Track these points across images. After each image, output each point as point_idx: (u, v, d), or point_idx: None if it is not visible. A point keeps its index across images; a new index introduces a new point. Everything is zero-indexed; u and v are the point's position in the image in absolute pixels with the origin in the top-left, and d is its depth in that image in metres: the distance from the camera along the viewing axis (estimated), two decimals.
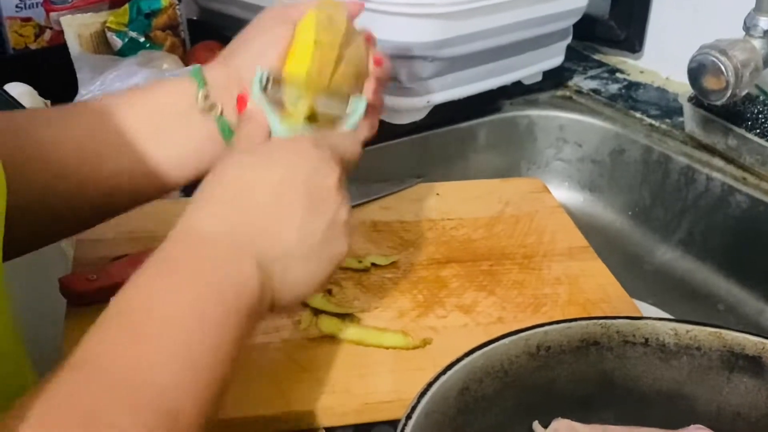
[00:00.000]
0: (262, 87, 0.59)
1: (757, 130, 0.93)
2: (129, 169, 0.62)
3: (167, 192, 0.65)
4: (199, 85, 0.62)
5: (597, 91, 1.14)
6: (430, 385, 0.50)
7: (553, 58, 1.12)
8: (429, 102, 0.99)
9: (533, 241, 0.81)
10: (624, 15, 1.18)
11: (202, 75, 0.63)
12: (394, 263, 0.76)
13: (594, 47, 1.25)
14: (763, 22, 0.87)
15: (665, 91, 1.14)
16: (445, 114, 1.03)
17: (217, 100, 0.62)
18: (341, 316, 0.68)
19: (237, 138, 0.59)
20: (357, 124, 0.61)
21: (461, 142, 1.07)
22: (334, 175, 0.54)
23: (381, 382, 0.62)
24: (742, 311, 0.93)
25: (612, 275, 0.77)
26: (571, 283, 0.75)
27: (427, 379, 0.51)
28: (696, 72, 0.88)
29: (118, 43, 1.09)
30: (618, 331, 0.57)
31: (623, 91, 1.15)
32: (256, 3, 1.06)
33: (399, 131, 1.00)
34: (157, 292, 0.46)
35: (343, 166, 0.55)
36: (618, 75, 1.19)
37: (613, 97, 1.13)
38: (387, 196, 0.87)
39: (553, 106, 1.11)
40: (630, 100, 1.12)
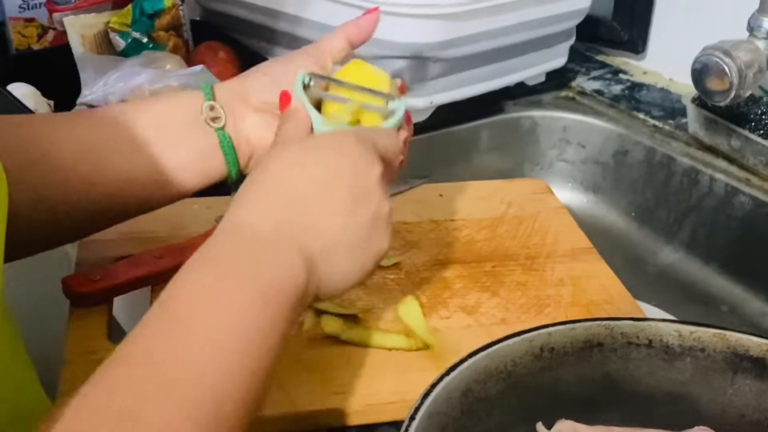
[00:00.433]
0: (305, 87, 0.60)
1: (761, 131, 0.93)
2: (133, 173, 0.62)
3: (172, 200, 0.65)
4: (206, 97, 0.63)
5: (600, 92, 1.14)
6: (434, 386, 0.50)
7: (557, 59, 1.12)
8: (432, 103, 0.99)
9: (536, 242, 0.81)
10: (627, 16, 1.18)
11: (210, 89, 0.64)
12: (397, 264, 0.76)
13: (597, 48, 1.25)
14: (767, 23, 0.86)
15: (668, 92, 1.14)
16: (448, 115, 1.02)
17: (221, 113, 0.63)
18: (344, 316, 0.68)
19: (279, 134, 0.58)
20: (398, 124, 0.61)
21: (464, 143, 1.07)
22: (376, 170, 0.54)
23: (384, 383, 0.62)
24: (746, 313, 0.93)
25: (615, 276, 0.77)
26: (575, 285, 0.75)
27: (430, 380, 0.50)
28: (699, 73, 0.88)
29: (121, 43, 1.08)
30: (622, 333, 0.56)
31: (626, 92, 1.15)
32: (259, 4, 1.06)
33: None
34: (203, 287, 0.46)
35: (385, 162, 0.56)
36: (621, 76, 1.19)
37: (616, 98, 1.13)
38: (390, 197, 0.87)
39: (556, 107, 1.11)
40: (633, 101, 1.12)
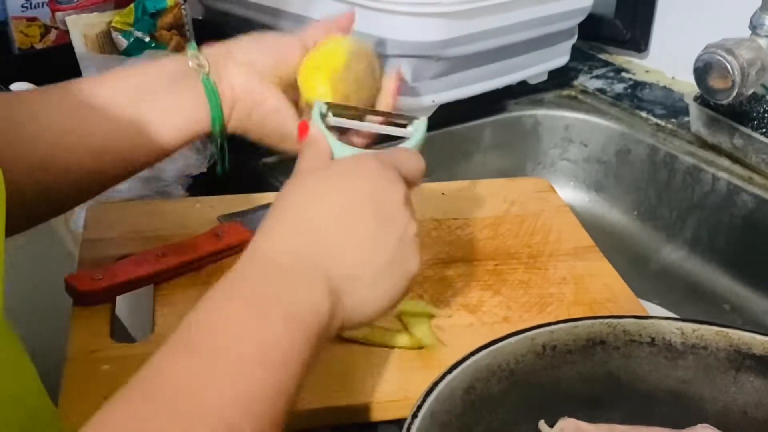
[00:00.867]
0: (322, 116, 0.60)
1: (763, 130, 0.93)
2: (118, 132, 0.62)
3: (161, 157, 0.66)
4: (191, 48, 0.66)
5: (602, 90, 1.14)
6: (436, 384, 0.50)
7: (559, 57, 1.12)
8: (434, 101, 0.99)
9: (539, 241, 0.81)
10: (629, 14, 1.18)
11: (196, 47, 0.66)
12: None
13: (599, 47, 1.25)
14: None
15: (671, 91, 1.14)
16: (450, 114, 1.02)
17: (205, 63, 0.65)
18: None
19: (300, 163, 0.58)
20: (419, 145, 0.61)
21: (467, 141, 1.07)
22: (400, 191, 0.54)
23: (386, 381, 0.62)
24: (749, 311, 0.92)
25: (618, 275, 0.77)
26: (577, 283, 0.75)
27: (432, 378, 0.50)
28: (702, 71, 0.88)
29: (123, 42, 1.09)
30: (624, 331, 0.56)
31: (629, 90, 1.15)
32: (262, 3, 1.06)
33: None
34: (225, 314, 0.46)
35: (408, 183, 0.55)
36: (623, 74, 1.19)
37: (618, 97, 1.12)
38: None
39: (558, 106, 1.11)
40: (636, 100, 1.12)
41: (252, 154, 0.90)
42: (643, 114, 1.08)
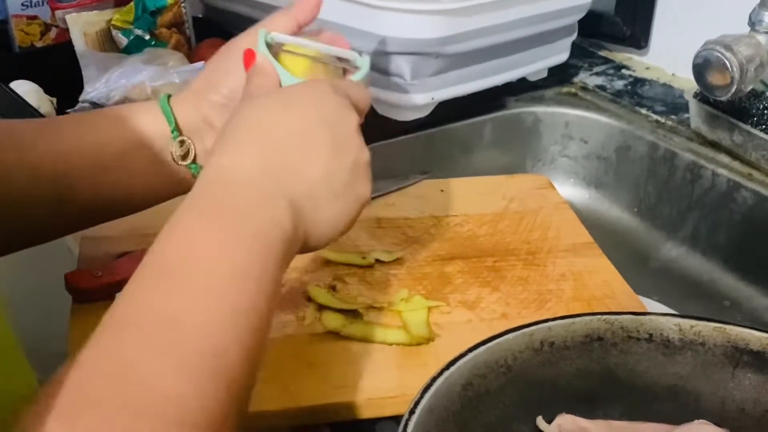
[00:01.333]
0: (268, 46, 0.60)
1: (763, 126, 0.93)
2: (101, 196, 0.63)
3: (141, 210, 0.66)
4: (171, 128, 0.63)
5: (602, 87, 1.14)
6: (434, 380, 0.50)
7: (559, 54, 1.11)
8: (433, 99, 0.99)
9: (538, 237, 0.81)
10: (629, 11, 1.18)
11: (172, 114, 0.63)
12: (398, 259, 0.76)
13: (599, 44, 1.25)
14: None
15: (671, 88, 1.14)
16: (449, 111, 1.02)
17: (189, 146, 0.63)
18: (345, 312, 0.68)
19: (248, 91, 0.58)
20: (365, 79, 0.62)
21: (466, 138, 1.07)
22: (353, 118, 0.54)
23: (385, 377, 0.62)
24: (748, 307, 0.92)
25: (617, 271, 0.77)
26: (576, 280, 0.75)
27: (430, 374, 0.51)
28: (701, 68, 0.88)
29: (123, 40, 1.09)
30: (622, 327, 0.56)
31: (629, 87, 1.14)
32: (262, 0, 1.06)
33: (403, 128, 1.00)
34: (191, 239, 0.46)
35: (357, 112, 0.56)
36: (623, 71, 1.19)
37: (618, 94, 1.12)
38: (391, 192, 0.87)
39: (558, 103, 1.11)
40: (636, 97, 1.12)
41: None
42: (643, 111, 1.08)
